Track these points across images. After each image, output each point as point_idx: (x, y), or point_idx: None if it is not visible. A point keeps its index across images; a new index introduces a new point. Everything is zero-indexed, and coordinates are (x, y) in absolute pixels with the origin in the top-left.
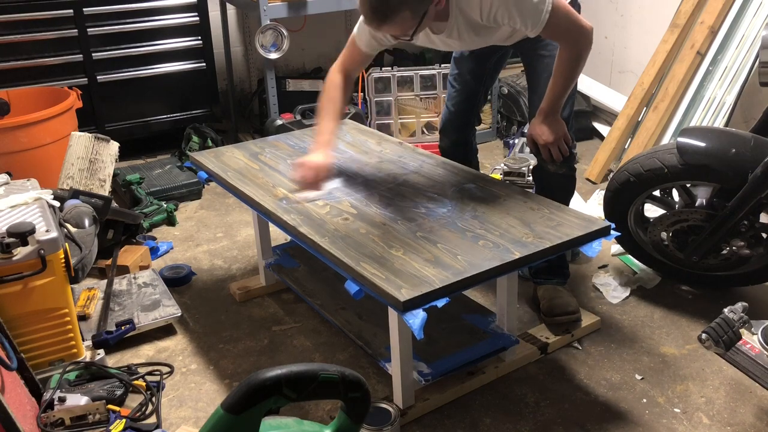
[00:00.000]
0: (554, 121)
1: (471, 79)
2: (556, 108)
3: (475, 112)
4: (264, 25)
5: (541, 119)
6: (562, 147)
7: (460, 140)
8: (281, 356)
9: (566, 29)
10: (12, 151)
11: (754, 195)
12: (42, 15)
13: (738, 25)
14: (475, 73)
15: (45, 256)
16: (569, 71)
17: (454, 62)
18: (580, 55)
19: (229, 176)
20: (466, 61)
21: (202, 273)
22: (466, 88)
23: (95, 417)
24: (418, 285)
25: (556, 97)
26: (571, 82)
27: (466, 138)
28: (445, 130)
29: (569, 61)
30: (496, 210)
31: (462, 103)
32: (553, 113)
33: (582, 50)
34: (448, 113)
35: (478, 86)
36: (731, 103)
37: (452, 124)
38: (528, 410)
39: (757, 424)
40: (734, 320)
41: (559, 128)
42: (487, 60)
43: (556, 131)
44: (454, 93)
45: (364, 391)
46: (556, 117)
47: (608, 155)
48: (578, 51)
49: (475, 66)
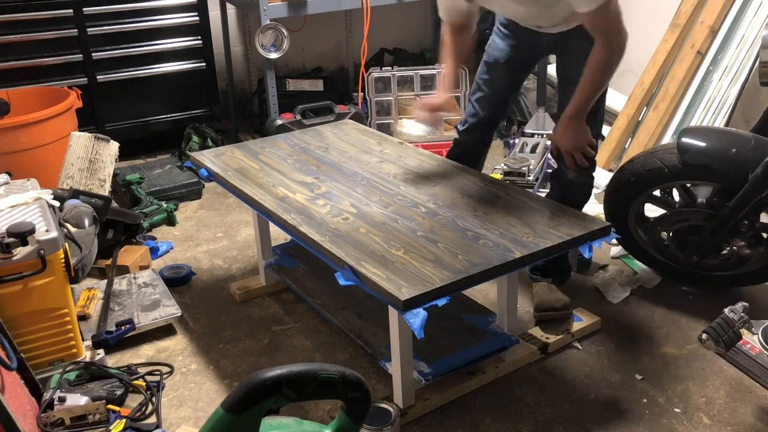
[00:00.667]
0: (579, 127)
1: (505, 86)
2: (582, 113)
3: (503, 115)
4: (264, 25)
5: (565, 124)
6: (588, 153)
7: (483, 140)
8: (281, 356)
9: (612, 23)
10: (12, 151)
11: (754, 195)
12: (42, 15)
13: (738, 25)
14: (510, 80)
15: (45, 256)
16: (599, 73)
17: (486, 66)
18: (612, 58)
19: (229, 176)
20: (501, 68)
21: (202, 273)
22: (499, 94)
23: (95, 417)
24: (418, 284)
25: (583, 100)
26: (600, 86)
27: (489, 138)
28: (471, 130)
29: (600, 62)
30: (497, 209)
31: (493, 107)
32: (579, 118)
33: (616, 53)
34: (476, 116)
35: (510, 92)
36: (731, 103)
37: (479, 126)
38: (528, 410)
39: (758, 424)
40: (734, 320)
41: (584, 135)
42: (526, 68)
43: (581, 138)
44: (484, 98)
45: (364, 391)
46: (581, 122)
47: (608, 155)
48: (612, 53)
49: (511, 73)
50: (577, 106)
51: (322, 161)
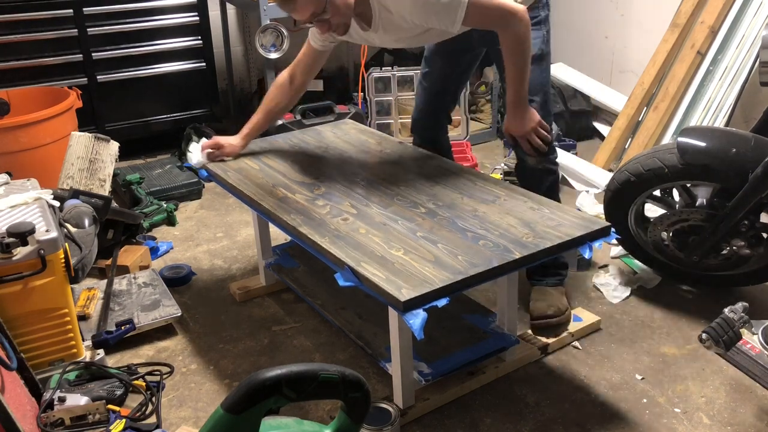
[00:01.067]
0: (524, 110)
1: (439, 78)
2: (521, 98)
3: (444, 111)
4: (264, 25)
5: (511, 111)
6: (541, 134)
7: (429, 138)
8: (281, 356)
9: (491, 16)
10: (12, 151)
11: (754, 195)
12: (42, 15)
13: (738, 25)
14: (444, 72)
15: (45, 256)
16: (515, 56)
17: (424, 61)
18: (518, 38)
19: (229, 176)
20: (435, 59)
21: (202, 273)
22: (435, 86)
23: (95, 417)
24: (418, 285)
25: (516, 85)
26: (522, 67)
27: (435, 136)
28: (416, 128)
29: (510, 46)
30: (497, 210)
31: (431, 101)
32: (521, 102)
33: (518, 32)
34: (417, 111)
35: (447, 85)
36: (731, 103)
37: (421, 123)
38: (528, 410)
39: (758, 424)
40: (734, 320)
41: (531, 117)
42: (457, 60)
43: (529, 120)
44: (422, 91)
45: (364, 391)
46: (525, 107)
47: (608, 155)
48: (514, 34)
49: (445, 65)
50: (513, 92)
51: (322, 161)
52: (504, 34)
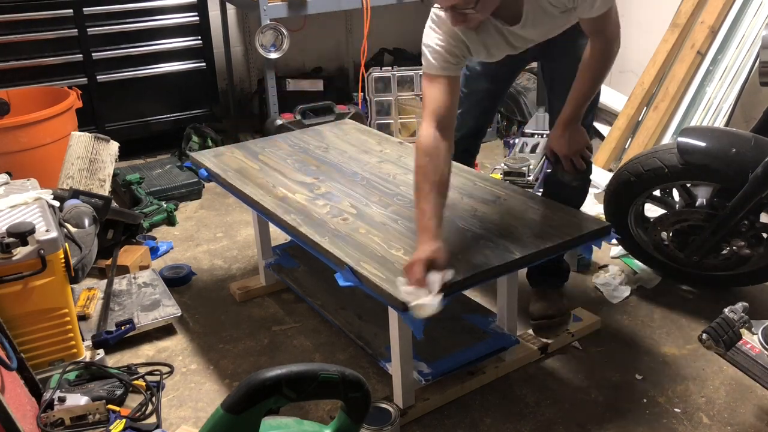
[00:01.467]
0: (576, 130)
1: (486, 98)
2: (579, 116)
3: (489, 123)
4: (264, 25)
5: (562, 129)
6: (585, 155)
7: (469, 149)
8: (281, 356)
9: (614, 23)
10: (12, 151)
11: (754, 195)
12: (42, 15)
13: (738, 25)
14: (491, 91)
15: (45, 256)
16: (598, 74)
17: (465, 79)
18: (610, 58)
19: (229, 176)
20: (481, 80)
21: (202, 273)
22: (481, 106)
23: (95, 417)
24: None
25: (579, 102)
26: (597, 85)
27: (475, 148)
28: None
29: (600, 63)
30: (497, 210)
31: (477, 119)
32: (575, 121)
33: (614, 53)
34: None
35: (494, 103)
36: (731, 103)
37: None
38: (528, 410)
39: (758, 424)
40: (734, 320)
41: (581, 138)
42: (508, 78)
43: (578, 142)
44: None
45: (364, 391)
46: (578, 126)
47: (608, 155)
48: (610, 53)
49: (491, 84)
50: (574, 108)
51: (322, 161)
52: (603, 49)
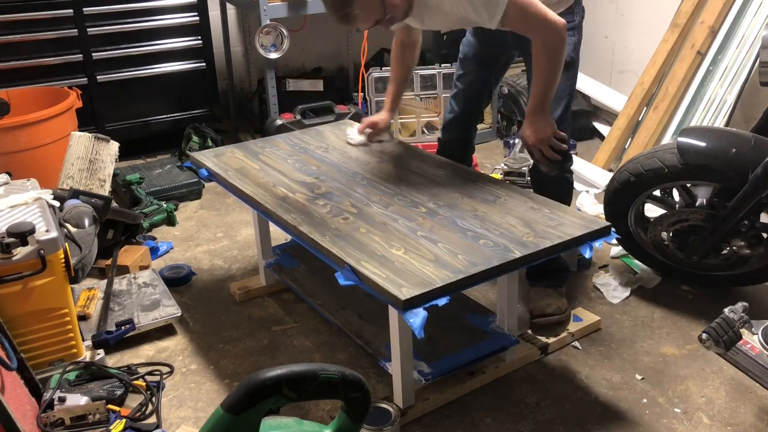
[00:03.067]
0: (541, 121)
1: (476, 80)
2: (542, 108)
3: (478, 111)
4: (264, 25)
5: (528, 119)
6: (555, 146)
7: (462, 138)
8: (281, 356)
9: (529, 23)
10: (12, 151)
11: (754, 195)
12: (42, 15)
13: (738, 25)
14: (480, 74)
15: (45, 256)
16: (545, 68)
17: (459, 63)
18: (550, 51)
19: (229, 176)
20: (471, 62)
21: (202, 273)
22: (471, 88)
23: (95, 417)
24: (418, 284)
25: (539, 96)
26: (550, 80)
27: (468, 136)
28: (449, 128)
29: (541, 58)
30: (497, 210)
31: (466, 102)
32: (540, 112)
33: (552, 46)
34: (452, 112)
35: (482, 87)
36: (731, 103)
37: (456, 123)
38: (528, 410)
39: (758, 424)
40: (734, 320)
41: (546, 128)
42: (492, 61)
43: (543, 132)
44: (458, 93)
45: (364, 391)
46: (545, 116)
47: (608, 155)
48: (547, 46)
49: (480, 67)
50: (535, 101)
51: (322, 161)
52: (537, 43)
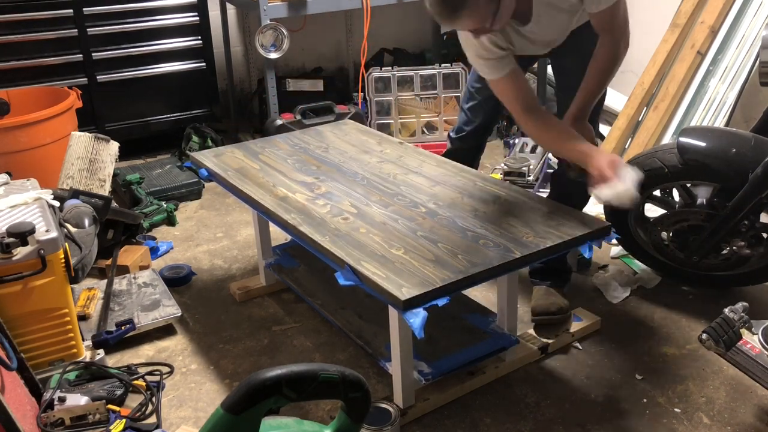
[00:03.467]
0: (582, 127)
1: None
2: (586, 112)
3: (496, 120)
4: (264, 25)
5: (570, 124)
6: None
7: (477, 145)
8: (281, 356)
9: (621, 21)
10: (12, 151)
11: (754, 195)
12: (42, 15)
13: (738, 25)
14: None
15: (45, 256)
16: (607, 71)
17: (477, 75)
18: (618, 56)
19: (229, 176)
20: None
21: (202, 273)
22: (491, 101)
23: (95, 417)
24: (418, 284)
25: (586, 100)
26: (605, 83)
27: (483, 143)
28: (465, 138)
29: (609, 60)
30: (497, 209)
31: (486, 114)
32: (583, 118)
33: (622, 50)
34: (469, 123)
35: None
36: (731, 103)
37: (473, 133)
38: (528, 410)
39: (758, 424)
40: (734, 320)
41: (589, 134)
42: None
43: (587, 137)
44: (477, 105)
45: (364, 391)
46: (585, 123)
47: None
48: (619, 50)
49: None
50: (582, 105)
51: (322, 161)
52: (611, 45)
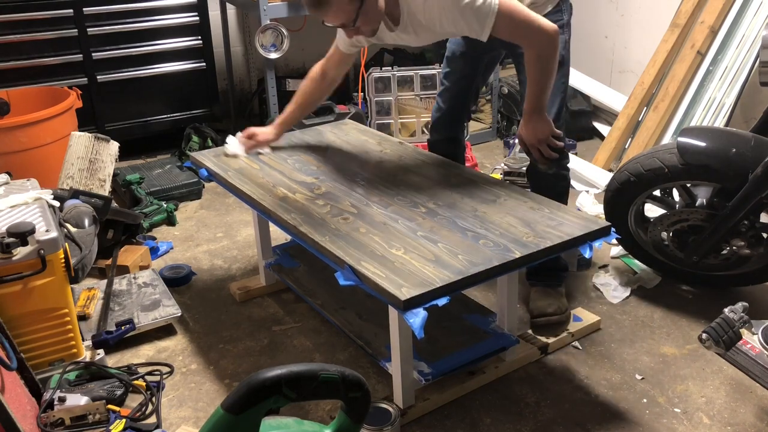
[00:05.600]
0: (539, 120)
1: (462, 78)
2: (538, 107)
3: (465, 109)
4: (264, 24)
5: (526, 119)
6: (552, 144)
7: (450, 137)
8: (281, 356)
9: (519, 32)
10: (12, 151)
11: (754, 195)
12: (42, 15)
13: (738, 25)
14: (466, 72)
15: (45, 256)
16: (536, 73)
17: (446, 61)
18: (540, 56)
19: (229, 176)
20: (457, 60)
21: (202, 273)
22: (457, 86)
23: (95, 417)
24: (418, 284)
25: (534, 97)
26: (543, 83)
27: (455, 134)
28: (436, 126)
29: (532, 63)
30: (497, 209)
31: (452, 100)
32: (537, 112)
33: (542, 51)
34: (439, 110)
35: (468, 85)
36: (731, 103)
37: (443, 121)
38: (528, 410)
39: (758, 424)
40: (734, 320)
41: (544, 127)
42: (479, 60)
43: (541, 131)
44: (445, 91)
45: (364, 391)
46: (542, 116)
47: (608, 155)
48: (537, 52)
49: (466, 65)
50: (532, 101)
51: (322, 161)
52: (530, 50)
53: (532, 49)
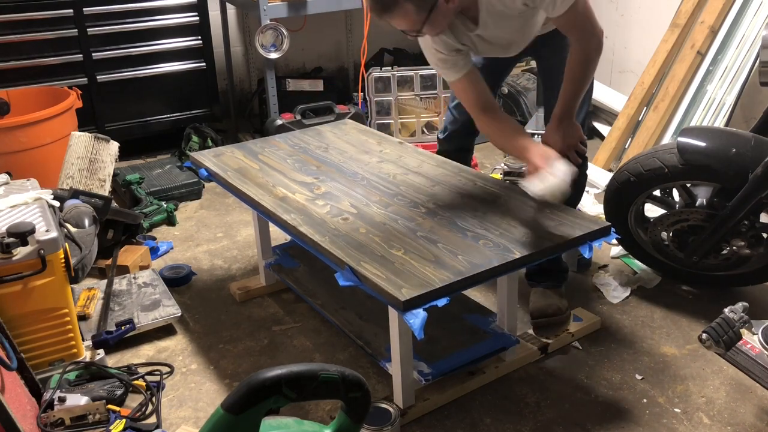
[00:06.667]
0: (569, 126)
1: None
2: (570, 113)
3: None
4: (264, 24)
5: (555, 125)
6: (580, 150)
7: (462, 147)
8: (281, 356)
9: (584, 22)
10: (12, 151)
11: (754, 195)
12: (42, 15)
13: (738, 25)
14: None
15: (45, 256)
16: (580, 73)
17: None
18: (589, 57)
19: (229, 176)
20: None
21: (202, 273)
22: None
23: (95, 417)
24: (418, 284)
25: (568, 101)
26: (582, 85)
27: (470, 145)
28: (450, 138)
29: (578, 62)
30: (496, 210)
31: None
32: (568, 117)
33: (592, 51)
34: (455, 122)
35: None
36: (731, 103)
37: (458, 133)
38: (528, 410)
39: (758, 424)
40: (734, 320)
41: (574, 133)
42: (502, 73)
43: (571, 137)
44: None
45: (364, 391)
46: (571, 121)
47: (608, 155)
48: (588, 52)
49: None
50: (564, 106)
51: (322, 161)
52: (580, 48)
53: (583, 47)
